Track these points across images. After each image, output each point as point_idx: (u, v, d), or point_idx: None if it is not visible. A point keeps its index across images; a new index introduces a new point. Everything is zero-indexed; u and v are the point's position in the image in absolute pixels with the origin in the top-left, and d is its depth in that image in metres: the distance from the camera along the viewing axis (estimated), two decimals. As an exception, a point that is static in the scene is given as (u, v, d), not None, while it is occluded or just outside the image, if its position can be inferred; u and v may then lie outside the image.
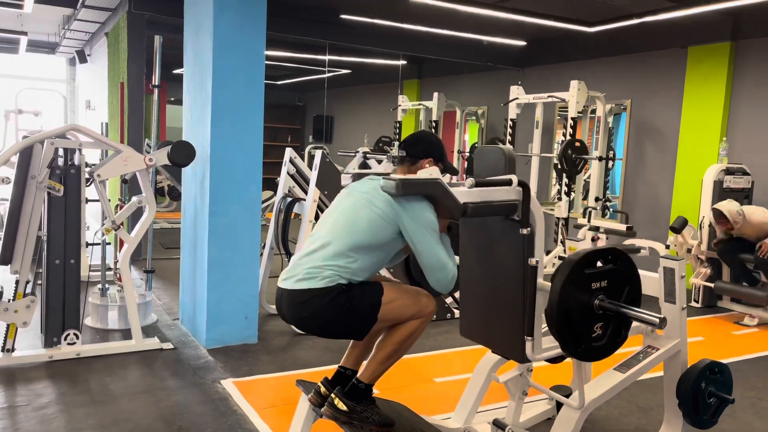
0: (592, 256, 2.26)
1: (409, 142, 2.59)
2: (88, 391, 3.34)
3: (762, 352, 4.55)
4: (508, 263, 2.46)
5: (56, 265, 3.74)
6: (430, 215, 2.32)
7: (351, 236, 2.33)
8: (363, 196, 2.39)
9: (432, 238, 2.30)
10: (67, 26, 8.53)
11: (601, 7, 6.13)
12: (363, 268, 2.34)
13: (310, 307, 2.30)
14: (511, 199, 2.37)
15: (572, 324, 2.21)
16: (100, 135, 3.93)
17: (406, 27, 7.25)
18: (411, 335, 2.41)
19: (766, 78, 6.23)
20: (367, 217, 2.33)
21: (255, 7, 3.99)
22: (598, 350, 2.30)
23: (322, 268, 2.30)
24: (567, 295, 2.19)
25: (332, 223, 2.42)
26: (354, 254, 2.32)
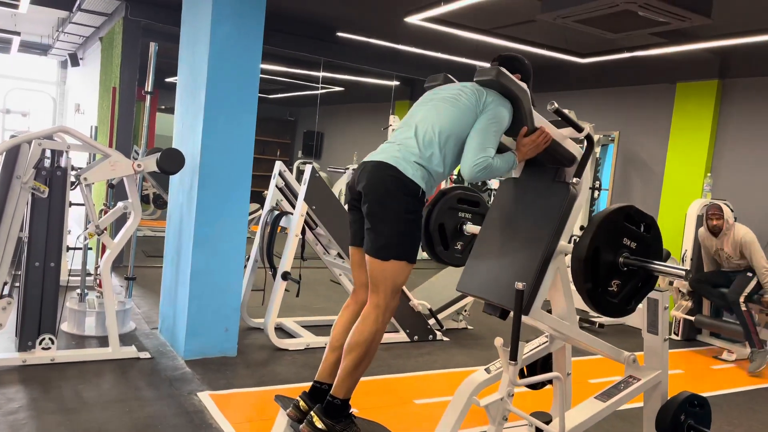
0: (633, 211, 2.37)
1: (506, 57, 2.72)
2: (61, 398, 3.26)
3: (739, 388, 4.58)
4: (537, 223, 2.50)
5: (36, 267, 3.68)
6: (506, 113, 2.45)
7: (439, 125, 2.45)
8: (450, 93, 2.54)
9: (494, 127, 2.41)
10: (62, 29, 8.50)
11: (593, 40, 6.23)
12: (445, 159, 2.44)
13: (391, 184, 2.37)
14: (573, 152, 2.52)
15: (597, 264, 2.27)
16: (89, 138, 3.90)
17: (401, 48, 7.32)
18: (373, 335, 2.38)
19: (751, 117, 6.35)
20: (455, 109, 2.46)
21: (253, 20, 4.00)
22: (609, 304, 2.36)
23: (412, 155, 2.40)
24: (602, 235, 2.27)
25: (423, 115, 2.53)
26: (441, 144, 2.42)
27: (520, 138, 2.48)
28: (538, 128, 2.47)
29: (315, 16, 6.93)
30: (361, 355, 2.38)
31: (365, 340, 2.38)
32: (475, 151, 2.38)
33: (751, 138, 6.35)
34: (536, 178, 2.66)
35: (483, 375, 2.93)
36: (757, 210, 6.19)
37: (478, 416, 3.32)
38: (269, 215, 4.78)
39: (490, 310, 2.55)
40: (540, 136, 2.45)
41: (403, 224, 2.39)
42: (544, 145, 2.47)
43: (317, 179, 4.49)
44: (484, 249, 2.68)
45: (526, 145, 2.47)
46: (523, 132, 2.47)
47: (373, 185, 2.41)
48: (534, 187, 2.64)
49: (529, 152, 2.48)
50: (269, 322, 4.41)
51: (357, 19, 6.68)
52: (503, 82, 2.44)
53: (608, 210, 2.35)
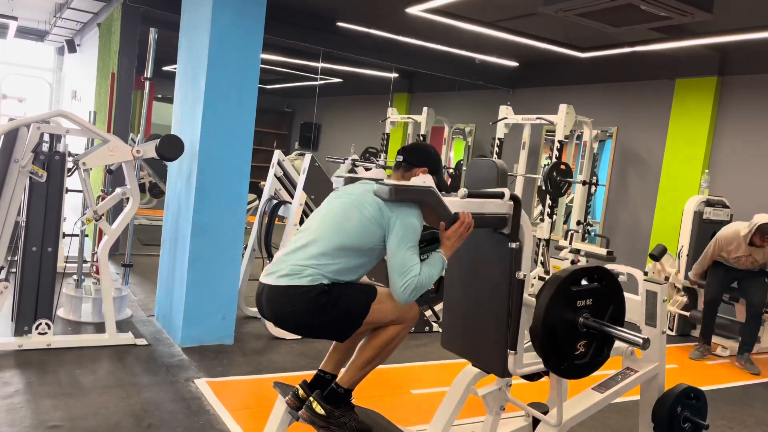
0: (579, 273, 2.28)
1: (409, 149, 2.59)
2: (57, 382, 3.26)
3: (733, 383, 4.61)
4: (494, 277, 2.47)
5: (33, 252, 3.66)
6: (416, 221, 2.30)
7: (338, 237, 2.31)
8: (354, 198, 2.37)
9: (408, 242, 2.26)
10: (59, 14, 8.43)
11: (594, 34, 6.22)
12: (346, 270, 2.31)
13: (291, 304, 2.27)
14: (502, 212, 2.38)
15: (556, 340, 2.22)
16: (88, 123, 3.87)
17: (400, 39, 7.29)
18: (393, 340, 2.39)
19: (750, 114, 6.37)
20: (356, 218, 2.31)
21: (254, 7, 3.98)
22: (580, 368, 2.31)
23: (305, 267, 2.27)
24: (552, 311, 2.21)
25: (320, 221, 2.40)
26: (339, 255, 2.29)
27: (441, 233, 2.33)
28: (456, 216, 2.31)
29: (315, 6, 6.90)
30: (376, 354, 2.39)
31: (385, 342, 2.39)
32: (399, 277, 2.22)
33: (749, 135, 6.37)
34: None
35: (481, 365, 2.94)
36: (754, 207, 6.21)
37: (475, 406, 3.33)
38: (267, 204, 4.77)
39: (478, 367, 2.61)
40: (461, 226, 2.31)
41: (332, 315, 2.28)
42: (468, 232, 2.33)
43: (316, 168, 4.48)
44: (453, 302, 2.70)
45: (449, 238, 2.32)
46: (442, 226, 2.33)
47: (278, 315, 2.34)
48: (481, 237, 2.51)
49: (456, 244, 2.34)
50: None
51: (357, 8, 6.66)
52: (402, 198, 2.29)
53: (552, 284, 2.24)
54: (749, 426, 3.77)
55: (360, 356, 2.41)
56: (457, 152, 9.91)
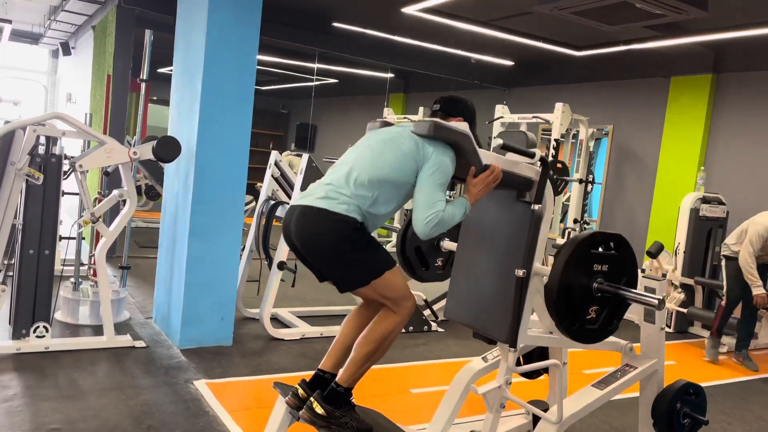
0: (599, 237, 2.34)
1: (447, 98, 2.62)
2: (56, 385, 3.25)
3: (731, 379, 4.62)
4: (509, 244, 2.47)
5: (30, 255, 3.65)
6: (449, 162, 2.34)
7: (374, 169, 2.34)
8: (391, 136, 2.43)
9: (438, 178, 2.30)
10: (54, 17, 8.41)
11: (589, 32, 6.24)
12: (379, 203, 2.34)
13: (323, 227, 2.29)
14: (529, 175, 2.44)
15: (570, 301, 2.26)
16: (84, 125, 3.87)
17: (396, 39, 7.30)
18: (389, 334, 2.39)
19: (745, 111, 6.39)
20: (393, 153, 2.36)
21: (250, 7, 3.98)
22: (590, 333, 2.35)
23: (341, 195, 2.31)
24: (570, 271, 2.25)
25: (357, 156, 2.43)
26: (373, 188, 2.32)
27: (469, 179, 2.37)
28: (487, 167, 2.37)
29: (310, 6, 6.90)
30: (374, 349, 2.38)
31: (381, 337, 2.38)
32: (423, 209, 2.26)
33: (744, 132, 6.39)
34: (500, 196, 2.56)
35: (480, 363, 2.94)
36: (750, 204, 6.23)
37: (475, 405, 3.34)
38: (265, 205, 4.76)
39: (479, 337, 2.58)
40: (490, 176, 2.35)
41: (353, 254, 2.31)
42: (495, 183, 2.37)
43: (314, 168, 4.48)
44: (462, 274, 2.68)
45: (476, 185, 2.36)
46: (471, 172, 2.37)
47: (305, 236, 2.34)
48: (500, 206, 2.55)
49: (481, 193, 2.37)
50: (265, 312, 4.40)
51: (353, 9, 6.66)
52: (440, 135, 2.34)
53: (572, 244, 2.29)
54: (748, 421, 3.78)
55: (357, 352, 2.40)
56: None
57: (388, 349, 2.45)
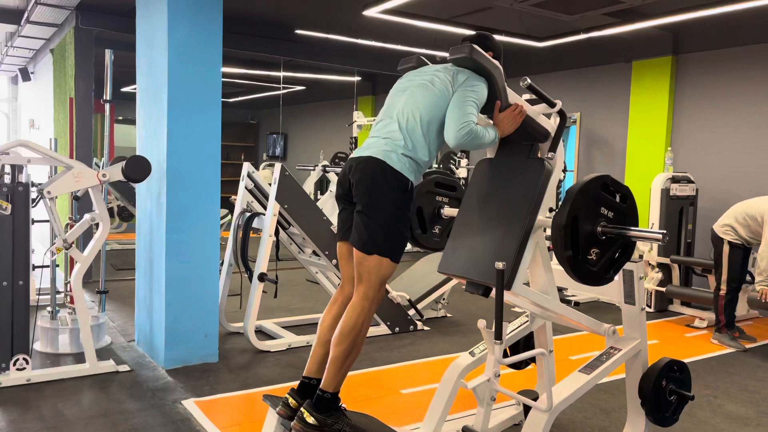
0: (610, 181, 2.42)
1: (476, 35, 2.73)
2: (41, 417, 3.18)
3: (713, 353, 4.71)
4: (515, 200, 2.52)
5: (4, 287, 3.57)
6: (483, 88, 2.47)
7: (420, 113, 2.48)
8: (426, 79, 2.55)
9: (472, 99, 2.43)
10: (10, 43, 8.25)
11: (550, 23, 6.32)
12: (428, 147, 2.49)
13: (378, 176, 2.41)
14: (546, 128, 2.57)
15: (576, 235, 2.31)
16: (50, 150, 3.80)
17: (360, 42, 7.31)
18: (360, 326, 2.40)
19: (705, 90, 6.53)
20: (432, 94, 2.49)
21: (211, 19, 3.95)
22: (588, 274, 2.40)
23: (399, 147, 2.45)
24: (580, 203, 2.32)
25: (403, 103, 2.55)
26: (423, 131, 2.47)
27: (496, 114, 2.51)
28: (513, 104, 2.51)
29: (271, 15, 6.87)
30: (349, 346, 2.38)
31: (352, 331, 2.39)
32: (457, 118, 2.40)
33: (706, 110, 6.53)
34: (511, 156, 2.69)
35: (468, 358, 2.97)
36: (716, 180, 6.38)
37: (465, 400, 3.35)
38: (240, 218, 4.73)
39: (472, 289, 2.56)
40: (515, 110, 2.49)
41: (392, 222, 2.44)
42: (521, 119, 2.50)
43: (287, 178, 4.46)
44: (463, 228, 2.70)
45: (503, 120, 2.50)
46: (497, 107, 2.50)
47: (364, 180, 2.45)
48: (509, 166, 2.67)
49: (507, 127, 2.51)
50: (249, 325, 4.37)
51: (315, 15, 6.65)
52: (476, 59, 2.45)
53: (585, 179, 2.39)
54: (732, 393, 3.86)
55: (334, 352, 2.40)
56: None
57: (363, 343, 2.46)
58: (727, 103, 6.36)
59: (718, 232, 4.94)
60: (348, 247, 2.57)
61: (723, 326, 4.92)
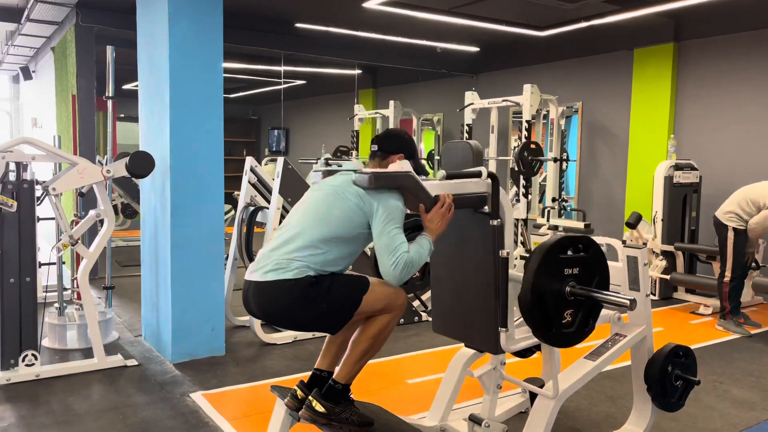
0: (566, 242, 2.32)
1: (382, 137, 2.62)
2: (51, 412, 3.21)
3: (718, 339, 4.72)
4: (479, 256, 2.50)
5: (11, 284, 3.59)
6: (397, 203, 2.33)
7: (321, 228, 2.32)
8: (334, 189, 2.39)
9: (393, 223, 2.28)
10: (11, 42, 8.26)
11: (550, 12, 6.30)
12: (332, 261, 2.32)
13: (280, 299, 2.27)
14: (481, 192, 2.42)
15: (544, 308, 2.26)
16: (54, 147, 3.82)
17: (361, 35, 7.30)
18: (384, 330, 2.40)
19: (707, 76, 6.51)
20: (338, 208, 2.33)
21: (211, 13, 3.95)
22: (568, 337, 2.35)
23: (291, 260, 2.27)
24: (541, 277, 2.25)
25: (302, 215, 2.41)
26: (324, 246, 2.30)
27: (423, 216, 2.37)
28: (437, 198, 2.36)
29: (271, 9, 6.86)
30: (370, 346, 2.39)
31: (377, 333, 2.39)
32: (387, 256, 2.24)
33: (709, 97, 6.51)
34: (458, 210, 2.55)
35: (473, 347, 2.97)
36: (719, 167, 6.36)
37: (472, 389, 3.37)
38: (244, 212, 4.74)
39: (471, 347, 2.65)
40: (443, 207, 2.35)
41: (322, 307, 2.28)
42: (450, 213, 2.37)
43: (290, 171, 4.47)
44: (441, 287, 2.74)
45: (431, 221, 2.35)
46: (422, 210, 2.36)
47: (266, 311, 2.34)
48: (462, 219, 2.54)
49: (439, 227, 2.36)
50: (255, 319, 4.39)
51: (314, 8, 6.64)
52: (381, 185, 2.32)
53: (540, 251, 2.27)
54: (737, 378, 3.87)
55: (354, 350, 2.42)
56: (428, 142, 9.95)
57: (384, 343, 2.47)
58: (730, 89, 6.34)
59: (721, 218, 4.94)
60: None
61: (728, 313, 4.93)
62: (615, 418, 3.25)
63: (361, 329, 2.43)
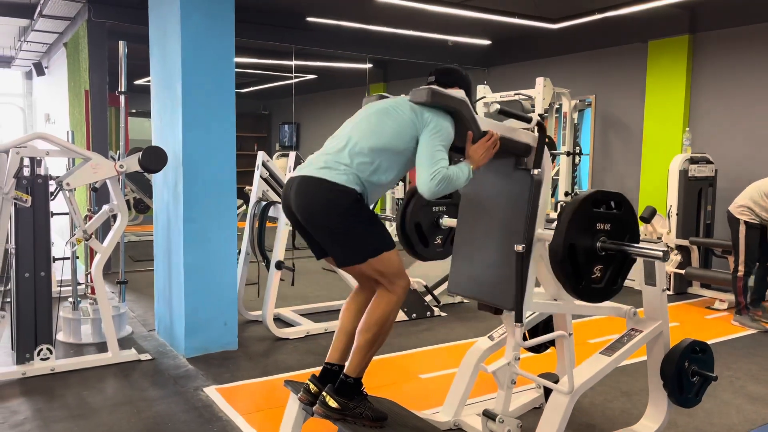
0: (600, 195, 2.35)
1: (441, 71, 2.64)
2: (66, 405, 3.23)
3: (734, 334, 4.67)
4: (510, 213, 2.49)
5: (26, 278, 3.62)
6: (449, 126, 2.37)
7: (373, 138, 2.37)
8: (388, 105, 2.46)
9: (439, 140, 2.32)
10: (24, 38, 8.31)
11: (563, 4, 6.24)
12: (380, 171, 2.36)
13: (323, 199, 2.31)
14: (526, 141, 2.48)
15: (575, 259, 2.27)
16: (67, 143, 3.83)
17: (371, 29, 7.27)
18: (388, 315, 2.40)
19: (723, 68, 6.42)
20: (392, 119, 2.38)
21: (222, 7, 3.94)
22: (596, 292, 2.37)
23: (340, 164, 2.33)
24: (573, 229, 2.26)
25: (353, 127, 2.46)
26: (374, 156, 2.35)
27: (469, 145, 2.40)
28: (485, 132, 2.40)
29: (282, 3, 6.85)
30: (375, 334, 2.38)
31: (379, 320, 2.38)
32: (427, 167, 2.28)
33: (725, 89, 6.42)
34: (498, 166, 2.60)
35: (487, 342, 2.97)
36: (735, 160, 6.28)
37: (485, 384, 3.36)
38: (257, 206, 4.75)
39: (484, 309, 2.58)
40: (489, 140, 2.39)
41: (354, 228, 2.33)
42: (495, 149, 2.40)
43: (302, 166, 4.45)
44: (464, 247, 2.69)
45: (476, 151, 2.38)
46: (470, 138, 2.39)
47: (305, 204, 2.35)
48: (499, 178, 2.59)
49: (482, 159, 2.39)
50: (267, 313, 4.40)
51: (325, 1, 6.62)
52: (438, 102, 2.36)
53: (574, 203, 2.30)
54: (754, 374, 3.82)
55: (360, 340, 2.41)
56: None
57: (389, 331, 2.46)
58: (746, 81, 6.25)
59: (734, 212, 4.88)
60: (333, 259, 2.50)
61: (743, 308, 4.88)
62: (630, 413, 3.22)
63: (365, 317, 2.42)
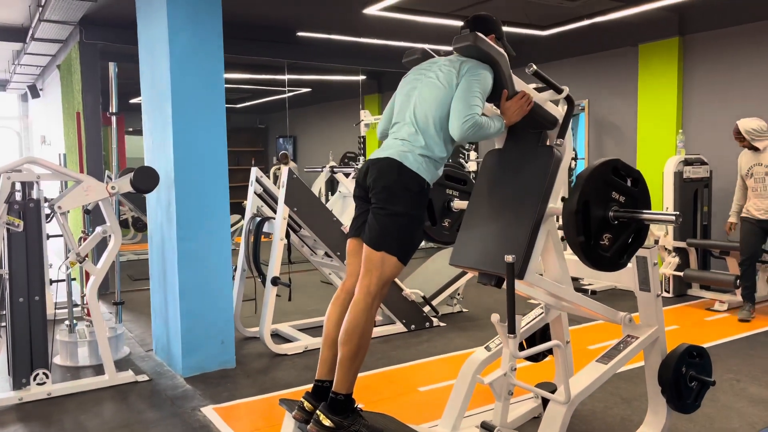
0: (620, 165, 2.41)
1: (473, 19, 2.69)
2: (63, 430, 3.21)
3: (735, 336, 4.64)
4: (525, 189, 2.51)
5: (20, 303, 3.61)
6: (487, 74, 2.44)
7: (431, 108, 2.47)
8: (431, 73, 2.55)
9: (478, 87, 2.41)
10: (18, 61, 8.34)
11: (552, 11, 6.26)
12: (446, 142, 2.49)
13: (398, 175, 2.42)
14: (554, 115, 2.54)
15: (587, 220, 2.29)
16: (58, 166, 3.83)
17: (363, 41, 7.30)
18: (364, 323, 2.39)
19: (714, 69, 6.43)
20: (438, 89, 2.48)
21: (210, 26, 3.95)
22: (602, 260, 2.38)
23: (414, 148, 2.46)
24: (590, 187, 2.30)
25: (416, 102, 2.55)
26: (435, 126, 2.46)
27: (502, 103, 2.48)
28: (519, 92, 2.48)
29: (272, 19, 6.87)
30: (355, 346, 2.37)
31: (356, 329, 2.38)
32: (461, 110, 2.38)
33: (716, 90, 6.43)
34: (520, 145, 2.67)
35: (484, 353, 2.95)
36: (731, 159, 6.27)
37: (484, 395, 3.33)
38: (251, 222, 4.74)
39: (485, 280, 2.55)
40: (523, 98, 2.46)
41: (404, 222, 2.44)
42: (528, 107, 2.47)
43: (295, 180, 4.46)
44: (473, 220, 2.68)
45: (510, 108, 2.47)
46: (504, 96, 2.47)
47: (380, 179, 2.46)
48: (519, 155, 2.65)
49: (514, 116, 2.47)
50: (265, 329, 4.38)
51: (315, 16, 6.64)
52: (481, 47, 2.43)
53: (595, 164, 2.37)
54: (755, 376, 3.80)
55: (342, 353, 2.40)
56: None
57: (369, 341, 2.45)
58: (737, 81, 6.26)
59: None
60: (358, 243, 2.57)
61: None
62: (631, 420, 3.20)
63: (343, 326, 2.42)
